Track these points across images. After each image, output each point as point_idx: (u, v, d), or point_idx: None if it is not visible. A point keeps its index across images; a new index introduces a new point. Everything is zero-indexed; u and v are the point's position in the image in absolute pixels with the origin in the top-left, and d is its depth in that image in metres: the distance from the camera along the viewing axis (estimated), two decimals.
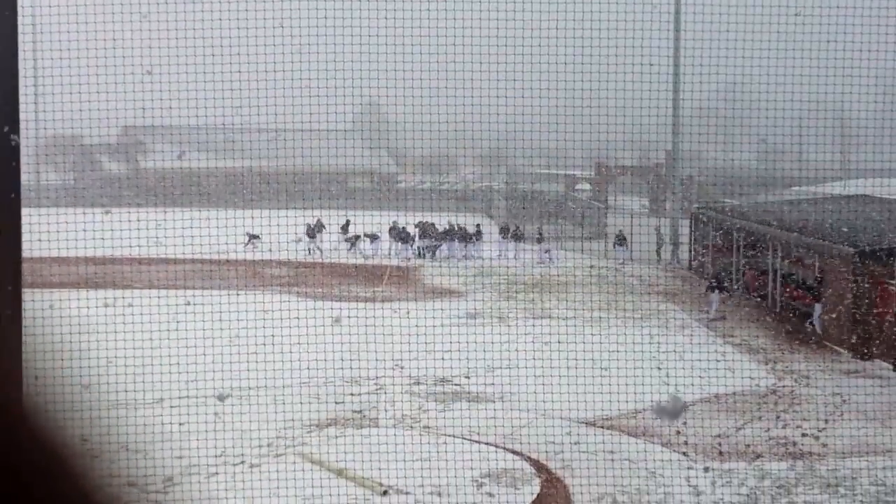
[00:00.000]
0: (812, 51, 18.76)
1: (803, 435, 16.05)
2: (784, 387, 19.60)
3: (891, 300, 22.32)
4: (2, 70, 1.27)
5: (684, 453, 15.14)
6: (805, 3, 18.30)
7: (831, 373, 21.03)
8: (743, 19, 19.47)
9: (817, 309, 25.02)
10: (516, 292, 30.90)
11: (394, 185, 65.15)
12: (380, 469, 13.66)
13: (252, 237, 38.64)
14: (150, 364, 17.08)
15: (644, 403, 17.34)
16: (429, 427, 16.37)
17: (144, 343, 17.88)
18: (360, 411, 17.23)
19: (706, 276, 34.90)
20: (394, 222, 39.28)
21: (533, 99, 21.30)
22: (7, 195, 1.30)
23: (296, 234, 36.66)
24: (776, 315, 27.52)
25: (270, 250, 37.91)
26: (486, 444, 15.36)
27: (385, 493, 13.05)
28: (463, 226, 40.96)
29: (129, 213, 23.57)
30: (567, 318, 25.83)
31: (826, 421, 16.87)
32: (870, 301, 22.63)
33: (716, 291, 27.91)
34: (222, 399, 16.11)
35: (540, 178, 56.96)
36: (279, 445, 15.09)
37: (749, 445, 15.60)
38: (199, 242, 21.82)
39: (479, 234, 40.33)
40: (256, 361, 18.30)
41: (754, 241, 30.79)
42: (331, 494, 12.92)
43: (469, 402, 17.94)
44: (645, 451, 15.00)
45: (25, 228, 1.28)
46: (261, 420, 15.78)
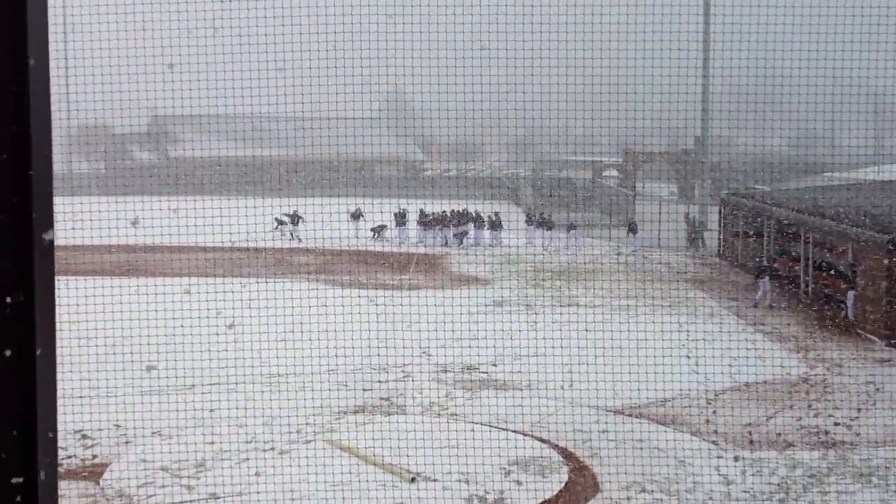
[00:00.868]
0: (846, 33, 18.47)
1: (835, 424, 15.87)
2: (816, 375, 19.39)
3: None
4: (37, 58, 1.27)
5: (714, 442, 15.03)
6: None
7: (864, 361, 20.77)
8: (774, 2, 19.19)
9: (850, 296, 24.72)
10: (543, 280, 30.81)
11: (420, 173, 65.13)
12: (408, 456, 13.70)
13: (281, 223, 38.87)
14: (181, 351, 17.25)
15: (673, 392, 17.25)
16: (456, 414, 16.39)
17: (176, 330, 18.06)
18: (388, 398, 17.28)
19: (736, 263, 34.58)
20: (403, 209, 39.07)
21: (560, 85, 21.15)
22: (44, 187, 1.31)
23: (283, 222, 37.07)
24: (808, 302, 27.22)
25: (299, 239, 38.15)
26: (514, 431, 15.35)
27: (413, 479, 13.09)
28: (482, 213, 40.80)
29: (160, 201, 23.76)
30: (594, 305, 25.72)
31: (859, 410, 16.67)
32: None
33: (766, 278, 27.45)
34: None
35: (567, 165, 56.66)
36: (308, 432, 15.18)
37: (780, 434, 15.46)
38: (229, 231, 21.99)
39: (498, 222, 40.18)
40: (285, 349, 18.42)
41: (786, 227, 30.44)
42: (360, 481, 12.99)
43: (496, 389, 17.93)
44: (674, 440, 14.91)
45: (59, 217, 1.28)
46: (290, 407, 15.88)
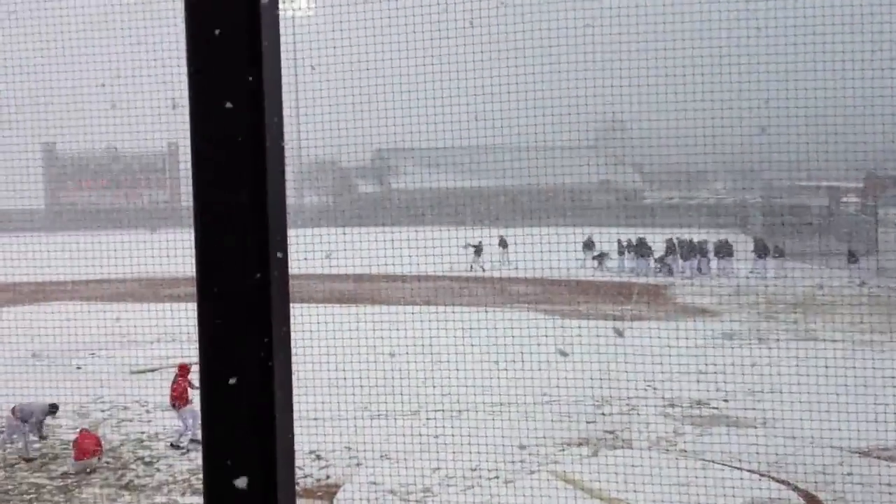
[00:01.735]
0: None
1: None
2: None
3: None
4: (270, 82, 1.25)
5: None
6: None
7: None
8: None
9: None
10: (776, 312, 29.02)
11: (639, 201, 63.85)
12: (635, 492, 13.20)
13: (476, 249, 38.90)
14: (405, 377, 17.69)
15: None
16: (686, 451, 15.65)
17: (401, 357, 18.57)
18: (613, 431, 16.80)
19: None
20: (630, 239, 38.20)
21: (793, 108, 19.83)
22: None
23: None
24: None
25: (482, 269, 38.27)
26: (750, 471, 14.42)
27: None
28: (705, 241, 39.32)
29: (383, 231, 24.66)
30: (835, 339, 23.86)
31: None
32: None
33: None
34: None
35: (800, 191, 53.41)
36: (532, 462, 15.02)
37: None
38: (446, 261, 22.41)
39: (728, 250, 38.54)
40: (507, 378, 18.41)
41: None
42: None
43: (728, 426, 16.97)
44: None
45: (291, 247, 1.26)
46: (512, 436, 15.81)
